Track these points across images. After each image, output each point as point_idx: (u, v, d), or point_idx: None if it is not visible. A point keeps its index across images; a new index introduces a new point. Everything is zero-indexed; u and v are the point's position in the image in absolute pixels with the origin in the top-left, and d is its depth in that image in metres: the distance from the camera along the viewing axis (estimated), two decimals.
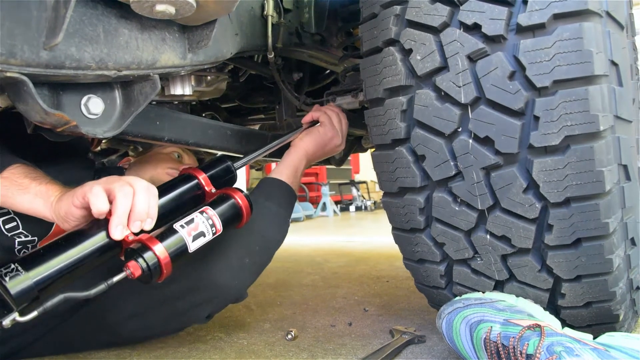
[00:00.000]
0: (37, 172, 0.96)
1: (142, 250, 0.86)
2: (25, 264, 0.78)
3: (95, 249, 0.85)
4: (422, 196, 1.04)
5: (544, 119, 0.86)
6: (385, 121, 1.04)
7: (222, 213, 1.00)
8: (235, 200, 1.04)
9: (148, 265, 0.85)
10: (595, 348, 0.81)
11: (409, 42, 0.97)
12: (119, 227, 0.85)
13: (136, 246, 0.87)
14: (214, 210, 0.99)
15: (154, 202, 0.90)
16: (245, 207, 1.04)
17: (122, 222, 0.85)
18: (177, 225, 0.93)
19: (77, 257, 0.82)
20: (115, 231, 0.85)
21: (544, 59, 0.84)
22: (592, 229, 0.89)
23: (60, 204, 0.88)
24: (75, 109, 0.81)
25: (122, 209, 0.85)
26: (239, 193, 1.05)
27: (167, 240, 0.89)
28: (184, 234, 0.92)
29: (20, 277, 0.76)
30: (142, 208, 0.87)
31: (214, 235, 0.98)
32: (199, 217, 0.96)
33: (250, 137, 1.42)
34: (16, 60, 0.65)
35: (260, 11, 1.24)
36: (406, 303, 1.65)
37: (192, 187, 1.04)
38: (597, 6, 0.85)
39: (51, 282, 0.79)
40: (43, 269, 0.79)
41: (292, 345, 1.25)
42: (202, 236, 0.95)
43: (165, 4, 0.73)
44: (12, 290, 0.75)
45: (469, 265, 1.04)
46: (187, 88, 1.24)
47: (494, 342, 0.87)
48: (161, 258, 0.86)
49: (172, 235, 0.91)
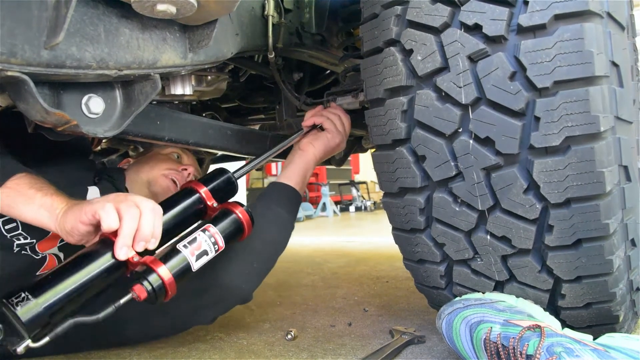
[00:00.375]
0: (42, 182, 0.96)
1: (147, 273, 0.89)
2: (34, 291, 0.80)
3: (101, 270, 0.86)
4: (423, 196, 1.04)
5: (544, 120, 0.86)
6: (385, 121, 1.04)
7: (223, 229, 1.02)
8: (237, 215, 1.06)
9: (153, 287, 0.88)
10: (595, 349, 0.81)
11: (410, 42, 0.97)
12: (124, 249, 0.87)
13: (141, 269, 0.90)
14: (216, 227, 1.01)
15: (158, 223, 0.91)
16: (246, 221, 1.07)
17: (127, 243, 0.87)
18: (180, 245, 0.96)
19: (84, 280, 0.84)
20: (120, 252, 0.86)
21: (545, 59, 0.84)
22: (592, 230, 0.89)
23: (65, 218, 0.89)
24: (75, 108, 0.81)
25: (128, 231, 0.87)
26: (239, 208, 1.07)
27: (171, 261, 0.92)
28: (187, 254, 0.95)
29: (30, 304, 0.78)
30: (147, 229, 0.89)
31: (216, 252, 1.00)
32: (201, 235, 0.99)
33: (250, 137, 1.42)
34: (17, 59, 0.65)
35: (260, 11, 1.24)
36: (406, 303, 1.65)
37: (194, 201, 1.05)
38: (598, 7, 0.85)
39: (60, 306, 0.81)
40: (51, 294, 0.80)
41: (292, 345, 1.25)
42: (205, 255, 0.98)
43: (166, 4, 0.73)
44: (23, 318, 0.77)
45: (469, 266, 1.04)
46: (187, 88, 1.24)
47: (494, 342, 0.87)
48: (165, 279, 0.89)
49: (176, 255, 0.94)
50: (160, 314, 1.17)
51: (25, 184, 0.93)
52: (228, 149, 1.36)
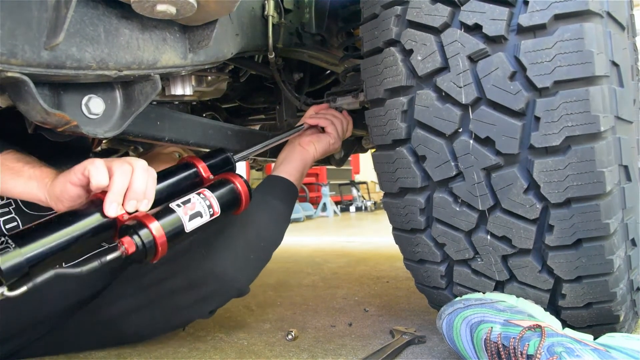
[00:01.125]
0: (30, 157, 0.95)
1: (138, 227, 0.84)
2: (17, 239, 0.76)
3: (89, 228, 0.82)
4: (423, 197, 1.04)
5: (544, 120, 0.86)
6: (385, 122, 1.04)
7: (220, 196, 0.98)
8: (235, 184, 1.03)
9: (143, 242, 0.83)
10: (596, 349, 0.81)
11: (410, 42, 0.97)
12: (114, 205, 0.83)
13: (131, 222, 0.84)
14: (212, 192, 0.98)
15: (151, 184, 0.89)
16: (244, 193, 1.03)
17: (117, 199, 0.84)
18: (173, 204, 0.91)
19: (71, 235, 0.80)
20: (109, 208, 0.83)
21: (545, 59, 0.85)
22: (592, 230, 0.89)
23: (55, 183, 0.86)
24: (76, 109, 0.81)
25: (119, 187, 0.84)
26: (238, 178, 1.04)
27: (164, 219, 0.87)
28: (181, 213, 0.90)
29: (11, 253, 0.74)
30: (139, 187, 0.86)
31: (211, 216, 0.95)
32: (195, 197, 0.95)
33: (250, 137, 1.42)
34: (17, 60, 0.65)
35: (260, 11, 1.24)
36: (406, 303, 1.65)
37: (191, 174, 1.03)
38: (598, 7, 0.85)
39: (43, 259, 0.77)
40: (35, 245, 0.76)
41: (293, 346, 1.25)
42: (199, 216, 0.93)
43: (166, 4, 0.73)
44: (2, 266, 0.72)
45: (470, 266, 1.04)
46: (187, 88, 1.24)
47: (495, 342, 0.87)
48: (157, 236, 0.84)
49: (169, 214, 0.89)
50: (158, 309, 1.17)
51: (12, 159, 0.92)
52: (228, 149, 1.36)
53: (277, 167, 1.35)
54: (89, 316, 1.19)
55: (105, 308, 1.17)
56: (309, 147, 1.36)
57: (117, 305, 1.17)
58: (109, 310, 1.18)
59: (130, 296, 1.16)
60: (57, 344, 1.22)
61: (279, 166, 1.35)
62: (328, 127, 1.39)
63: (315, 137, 1.38)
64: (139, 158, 0.90)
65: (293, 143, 1.38)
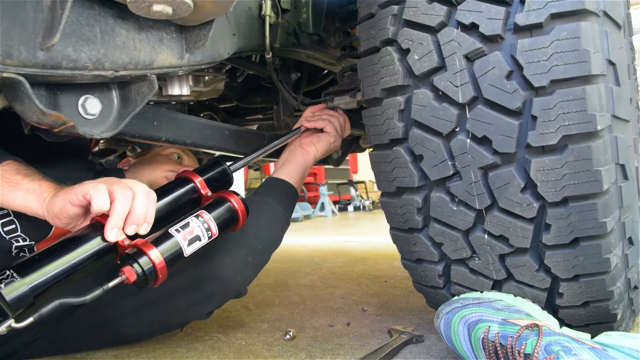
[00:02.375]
0: (30, 168, 0.95)
1: (138, 255, 0.86)
2: (21, 270, 0.78)
3: (90, 253, 0.84)
4: (420, 196, 1.04)
5: (541, 119, 0.86)
6: (382, 121, 1.04)
7: (218, 217, 1.01)
8: (232, 203, 1.04)
9: (143, 270, 0.86)
10: (593, 347, 0.81)
11: (407, 41, 0.97)
12: (115, 230, 0.85)
13: (131, 251, 0.87)
14: (210, 214, 1.00)
15: (152, 207, 0.90)
16: (241, 210, 1.05)
17: (118, 224, 0.85)
18: (172, 229, 0.94)
19: (73, 262, 0.82)
20: (110, 233, 0.84)
21: (542, 58, 0.85)
22: (589, 229, 0.89)
23: (54, 200, 0.87)
24: (72, 109, 0.80)
25: (120, 212, 0.85)
26: (235, 196, 1.05)
27: (163, 245, 0.90)
28: (179, 238, 0.93)
29: (15, 284, 0.76)
30: (140, 212, 0.87)
31: (209, 239, 0.98)
32: (194, 221, 0.97)
33: (248, 137, 1.42)
34: (13, 60, 0.65)
35: (257, 11, 1.24)
36: (404, 303, 1.65)
37: (188, 190, 1.04)
38: (595, 6, 0.85)
39: (47, 287, 0.79)
40: (38, 274, 0.78)
41: (291, 346, 1.25)
42: (198, 240, 0.96)
43: (162, 4, 0.72)
44: (7, 297, 0.74)
45: (467, 265, 1.04)
46: (184, 88, 1.24)
47: (492, 341, 0.87)
48: (156, 263, 0.87)
49: (168, 239, 0.92)
50: (157, 310, 1.17)
51: (11, 171, 0.92)
52: (226, 149, 1.35)
53: (277, 169, 1.35)
54: (88, 316, 1.18)
55: (104, 309, 1.17)
56: (310, 148, 1.36)
57: (116, 306, 1.17)
58: (107, 311, 1.17)
59: (129, 296, 1.16)
60: (56, 344, 1.21)
61: (280, 168, 1.35)
62: (326, 126, 1.39)
63: (315, 138, 1.38)
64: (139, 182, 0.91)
65: (294, 145, 1.38)
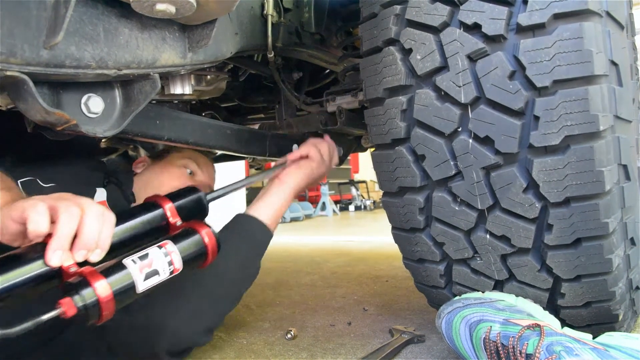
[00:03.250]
0: None
1: (81, 286, 0.74)
2: None
3: (28, 277, 0.72)
4: (422, 196, 1.04)
5: (544, 119, 0.86)
6: (385, 121, 1.04)
7: (183, 250, 0.88)
8: (201, 236, 0.93)
9: (85, 304, 0.73)
10: (595, 348, 0.81)
11: (409, 41, 0.97)
12: (58, 253, 0.72)
13: (75, 280, 0.74)
14: (175, 245, 0.88)
15: (107, 232, 0.78)
16: (211, 245, 0.93)
17: (62, 246, 0.73)
18: (128, 259, 0.81)
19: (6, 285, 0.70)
20: (52, 256, 0.72)
21: (544, 58, 0.85)
22: (591, 229, 0.89)
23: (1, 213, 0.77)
24: (75, 107, 0.80)
25: (64, 231, 0.73)
26: (207, 229, 0.94)
27: (113, 276, 0.77)
28: (134, 270, 0.80)
29: None
30: (90, 235, 0.75)
31: (170, 274, 0.86)
32: (155, 252, 0.84)
33: (249, 137, 1.42)
34: (16, 59, 0.65)
35: (260, 10, 1.24)
36: (406, 302, 1.65)
37: (156, 217, 0.93)
38: (597, 6, 0.85)
39: None
40: None
41: (292, 345, 1.25)
42: (156, 274, 0.83)
43: (165, 3, 0.72)
44: None
45: (469, 265, 1.04)
46: (187, 87, 1.24)
47: (494, 341, 0.87)
48: (101, 297, 0.74)
49: (120, 270, 0.79)
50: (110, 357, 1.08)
51: None
52: (227, 148, 1.35)
53: (252, 204, 1.24)
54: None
55: None
56: (287, 179, 1.26)
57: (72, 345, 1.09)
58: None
59: None
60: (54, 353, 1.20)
61: (255, 203, 1.24)
62: (310, 151, 1.30)
63: (294, 167, 1.28)
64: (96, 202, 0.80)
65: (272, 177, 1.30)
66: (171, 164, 1.39)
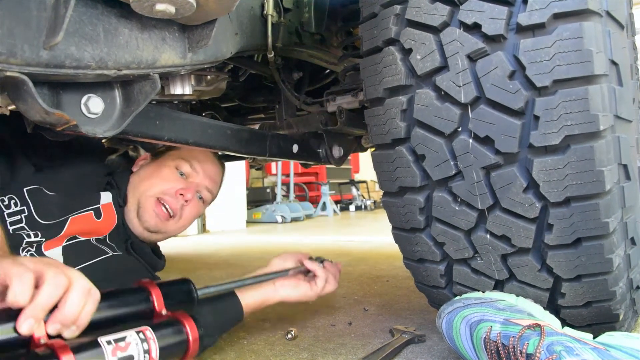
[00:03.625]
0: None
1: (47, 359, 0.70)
2: None
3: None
4: (422, 196, 1.04)
5: (544, 119, 0.86)
6: (385, 121, 1.04)
7: (163, 339, 0.85)
8: (184, 328, 0.90)
9: None
10: (595, 347, 0.81)
11: (409, 41, 0.97)
12: (30, 321, 0.69)
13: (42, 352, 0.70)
14: (154, 333, 0.85)
15: (89, 309, 0.76)
16: (193, 340, 0.91)
17: (35, 314, 0.70)
18: (103, 339, 0.78)
19: None
20: (23, 323, 0.68)
21: (544, 58, 0.84)
22: (592, 229, 0.89)
23: None
24: (75, 108, 0.80)
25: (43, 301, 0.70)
26: (190, 321, 0.92)
27: (84, 354, 0.74)
28: (108, 351, 0.76)
29: None
30: (71, 311, 0.73)
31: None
32: (133, 336, 0.81)
33: (249, 137, 1.42)
34: (16, 59, 0.65)
35: (260, 10, 1.24)
36: (406, 302, 1.65)
37: (140, 301, 0.92)
38: (597, 6, 0.85)
39: None
40: None
41: (292, 345, 1.25)
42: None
43: (165, 4, 0.72)
44: None
45: (469, 265, 1.04)
46: (187, 87, 1.24)
47: (494, 341, 0.87)
48: None
49: (92, 349, 0.76)
50: None
51: None
52: (228, 148, 1.36)
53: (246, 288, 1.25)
54: None
55: None
56: (280, 290, 1.28)
57: None
58: None
59: None
60: None
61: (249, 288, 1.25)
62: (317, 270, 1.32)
63: (294, 282, 1.30)
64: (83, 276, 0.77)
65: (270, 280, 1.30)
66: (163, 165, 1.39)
